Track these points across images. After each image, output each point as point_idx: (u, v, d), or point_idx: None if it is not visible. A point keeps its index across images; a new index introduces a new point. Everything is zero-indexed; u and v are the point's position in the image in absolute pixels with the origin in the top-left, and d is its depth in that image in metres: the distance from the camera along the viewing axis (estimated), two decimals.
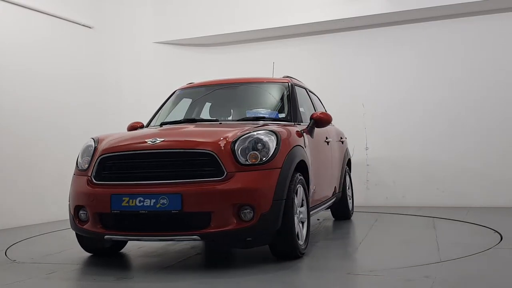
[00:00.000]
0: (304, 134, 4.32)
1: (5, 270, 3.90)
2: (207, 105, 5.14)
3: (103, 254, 4.28)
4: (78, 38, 7.60)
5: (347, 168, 6.29)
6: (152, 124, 4.94)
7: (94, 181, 3.74)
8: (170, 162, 3.56)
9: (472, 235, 4.94)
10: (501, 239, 4.50)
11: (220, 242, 3.61)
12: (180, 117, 4.84)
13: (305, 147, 4.18)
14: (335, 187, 5.59)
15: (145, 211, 3.48)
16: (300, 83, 5.37)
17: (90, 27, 7.79)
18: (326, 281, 3.27)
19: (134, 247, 4.61)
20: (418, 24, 7.64)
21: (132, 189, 3.56)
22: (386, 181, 7.61)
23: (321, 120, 4.62)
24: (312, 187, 4.39)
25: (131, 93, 8.26)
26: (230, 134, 3.67)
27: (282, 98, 4.78)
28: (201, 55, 8.72)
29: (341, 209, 6.09)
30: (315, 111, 5.26)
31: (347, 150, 6.34)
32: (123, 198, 3.54)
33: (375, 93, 7.78)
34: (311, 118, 4.64)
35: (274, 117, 4.54)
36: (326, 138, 5.17)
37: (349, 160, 6.44)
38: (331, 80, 7.88)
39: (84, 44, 7.69)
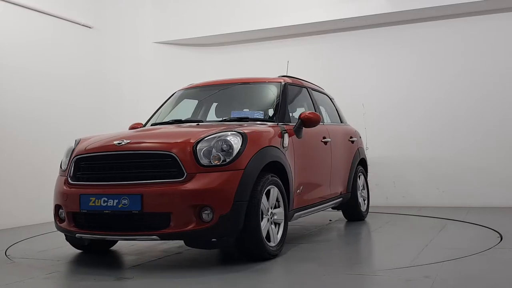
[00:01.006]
0: (286, 134, 4.28)
1: (5, 270, 3.90)
2: (200, 105, 5.19)
3: (91, 251, 4.41)
4: (78, 38, 7.60)
5: (362, 168, 6.18)
6: (147, 125, 5.03)
7: (70, 181, 3.91)
8: (134, 164, 3.66)
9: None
10: (501, 239, 4.50)
11: (190, 243, 3.68)
12: (173, 117, 4.94)
13: (283, 147, 4.15)
14: (341, 187, 5.51)
15: (109, 211, 3.59)
16: (303, 83, 5.35)
17: (90, 27, 7.78)
18: (288, 283, 3.27)
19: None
20: (418, 24, 7.64)
21: (98, 190, 3.69)
22: (386, 181, 7.61)
23: (309, 120, 4.53)
24: (297, 187, 4.37)
25: (131, 93, 8.26)
26: (195, 136, 3.70)
27: (272, 98, 4.75)
28: (201, 55, 8.72)
29: (352, 210, 5.96)
30: (315, 111, 5.22)
31: (359, 150, 6.13)
32: (90, 198, 3.68)
33: (375, 93, 7.78)
34: (298, 118, 4.56)
35: (258, 117, 4.55)
36: (324, 138, 5.10)
37: (363, 160, 6.26)
38: (331, 80, 7.87)
39: (84, 44, 7.69)
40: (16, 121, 6.54)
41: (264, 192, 3.77)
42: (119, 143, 3.75)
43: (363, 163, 6.28)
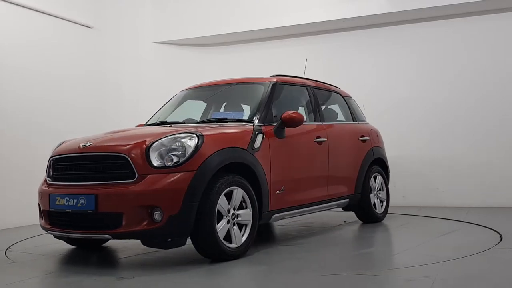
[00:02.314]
0: (260, 135, 4.27)
1: (5, 270, 3.90)
2: (192, 106, 5.24)
3: (84, 248, 4.65)
4: (78, 38, 7.60)
5: (378, 168, 5.98)
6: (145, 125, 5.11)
7: (47, 181, 4.19)
8: (91, 165, 3.83)
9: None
10: (501, 239, 4.50)
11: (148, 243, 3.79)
12: (164, 118, 5.04)
13: (253, 148, 4.14)
14: (345, 188, 5.40)
15: (70, 210, 3.80)
16: (303, 81, 5.30)
17: (90, 27, 7.79)
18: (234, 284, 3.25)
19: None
20: (418, 24, 7.64)
21: (62, 190, 3.93)
22: None
23: (290, 120, 4.45)
24: (276, 188, 4.35)
25: (131, 93, 8.26)
26: (151, 138, 3.78)
27: (257, 98, 4.72)
28: (201, 55, 8.72)
29: (364, 211, 5.76)
30: (314, 110, 5.18)
31: (373, 149, 5.89)
32: (56, 198, 3.91)
33: (375, 93, 7.77)
34: (280, 118, 4.51)
35: (237, 118, 4.57)
36: (318, 138, 5.00)
37: (380, 160, 6.04)
38: (331, 80, 7.85)
39: (84, 44, 7.69)
40: (16, 121, 6.54)
41: (224, 193, 3.79)
42: (83, 145, 3.92)
43: (380, 163, 6.07)
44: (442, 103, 7.46)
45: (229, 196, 3.87)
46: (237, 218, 3.94)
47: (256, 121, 4.41)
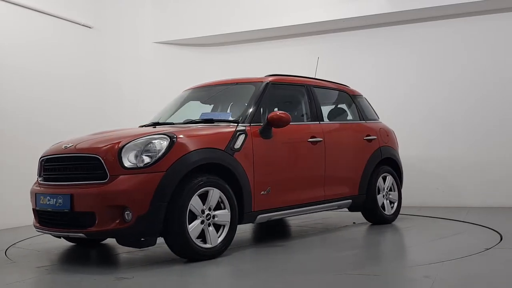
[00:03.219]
0: (242, 135, 4.27)
1: (5, 270, 3.90)
2: (192, 106, 5.24)
3: (83, 244, 4.79)
4: (78, 38, 7.59)
5: (388, 168, 5.82)
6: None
7: (38, 181, 4.34)
8: (71, 166, 3.98)
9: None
10: (501, 239, 4.50)
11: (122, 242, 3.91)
12: (157, 119, 5.08)
13: (233, 149, 4.16)
14: (347, 188, 5.30)
15: (50, 209, 3.96)
16: (301, 81, 5.26)
17: (90, 27, 7.78)
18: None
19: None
20: (418, 24, 7.64)
21: (46, 189, 4.09)
22: None
23: (276, 121, 4.42)
24: (261, 189, 4.35)
25: (131, 93, 8.26)
26: (125, 139, 3.87)
27: (246, 99, 4.73)
28: (201, 55, 8.72)
29: (371, 213, 5.64)
30: (312, 110, 5.11)
31: (380, 149, 5.73)
32: (41, 197, 4.08)
33: (375, 93, 7.75)
34: (266, 118, 4.49)
35: (224, 118, 4.58)
36: (313, 137, 4.93)
37: (390, 160, 5.87)
38: (331, 80, 7.87)
39: (84, 44, 7.69)
40: (16, 121, 6.54)
41: (198, 194, 3.85)
42: (65, 147, 4.11)
43: (391, 163, 5.92)
44: (442, 103, 7.45)
45: (205, 197, 3.91)
46: (214, 218, 3.96)
47: (241, 122, 4.43)
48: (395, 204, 5.91)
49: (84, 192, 3.76)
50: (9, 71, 6.52)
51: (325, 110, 5.56)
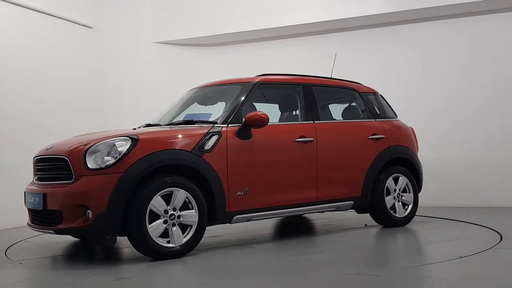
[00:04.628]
0: (214, 136, 4.29)
1: (5, 270, 3.90)
2: (181, 108, 5.26)
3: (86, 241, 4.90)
4: (78, 38, 7.59)
5: (402, 169, 5.55)
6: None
7: (33, 180, 4.54)
8: (47, 166, 4.26)
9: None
10: (501, 239, 4.51)
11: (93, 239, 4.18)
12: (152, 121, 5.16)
13: (201, 150, 4.19)
14: (347, 189, 5.14)
15: (32, 207, 4.26)
16: (298, 79, 5.17)
17: (90, 27, 7.78)
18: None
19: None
20: (418, 24, 7.64)
21: (31, 188, 4.36)
22: None
23: (254, 121, 4.39)
24: (237, 189, 4.36)
25: (131, 93, 8.25)
26: (94, 141, 4.04)
27: (231, 99, 4.73)
28: (201, 55, 8.72)
29: (378, 215, 5.42)
30: (306, 109, 5.01)
31: (390, 148, 5.48)
32: (27, 196, 4.36)
33: None
34: (244, 119, 4.46)
35: (204, 119, 4.60)
36: (303, 137, 4.83)
37: (402, 160, 5.60)
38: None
39: (84, 44, 7.69)
40: (16, 121, 6.53)
41: (161, 194, 3.95)
42: (47, 148, 4.38)
43: (405, 162, 5.65)
44: (442, 103, 7.45)
45: (170, 197, 4.01)
46: (179, 218, 4.04)
47: (220, 123, 4.45)
48: (409, 207, 5.59)
49: (54, 192, 4.02)
50: (9, 71, 6.51)
51: (327, 109, 5.50)
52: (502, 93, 7.16)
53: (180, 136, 4.23)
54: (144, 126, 4.95)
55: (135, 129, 4.74)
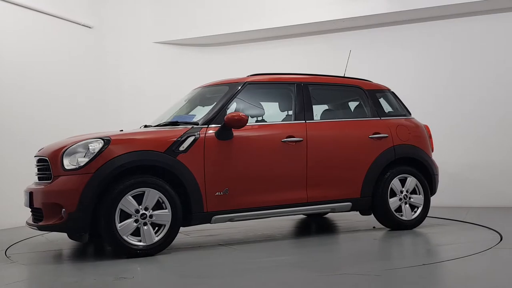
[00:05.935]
0: (190, 137, 4.32)
1: (5, 270, 3.90)
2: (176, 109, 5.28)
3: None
4: (78, 38, 7.60)
5: (409, 169, 5.28)
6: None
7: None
8: (37, 166, 4.51)
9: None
10: (501, 239, 4.51)
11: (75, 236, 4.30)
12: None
13: (176, 151, 4.25)
14: (344, 190, 4.98)
15: (24, 205, 4.49)
16: (294, 78, 5.10)
17: (90, 27, 7.79)
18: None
19: None
20: (418, 24, 7.64)
21: (26, 187, 4.56)
22: None
23: (233, 122, 4.40)
24: (216, 189, 4.37)
25: (131, 93, 8.26)
26: (74, 143, 4.20)
27: (215, 100, 4.75)
28: (201, 55, 8.72)
29: (382, 217, 5.21)
30: (298, 109, 4.94)
31: (394, 147, 5.23)
32: (23, 194, 4.55)
33: None
34: (223, 120, 4.48)
35: (187, 120, 4.64)
36: (290, 137, 4.74)
37: (411, 160, 5.35)
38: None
39: (84, 44, 7.69)
40: (16, 121, 6.54)
41: (132, 194, 4.08)
42: (39, 150, 4.60)
43: (414, 162, 5.38)
44: (442, 103, 7.45)
45: (139, 197, 4.12)
46: (151, 218, 4.14)
47: (200, 123, 4.49)
48: (419, 209, 5.30)
49: (37, 191, 4.26)
50: (9, 71, 6.52)
51: (325, 107, 5.45)
52: (502, 93, 7.16)
53: (154, 137, 4.31)
54: (143, 127, 4.96)
55: (122, 130, 4.73)
